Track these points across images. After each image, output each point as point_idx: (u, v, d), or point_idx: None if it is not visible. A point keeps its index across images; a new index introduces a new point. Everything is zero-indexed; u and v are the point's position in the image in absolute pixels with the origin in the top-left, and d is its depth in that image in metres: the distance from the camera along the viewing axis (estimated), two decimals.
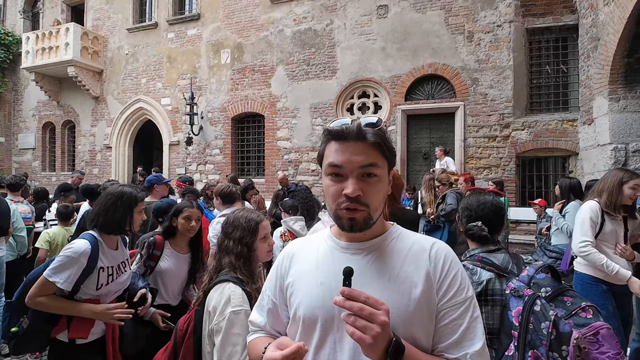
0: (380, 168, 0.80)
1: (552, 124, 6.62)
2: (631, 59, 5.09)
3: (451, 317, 0.78)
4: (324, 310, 0.79)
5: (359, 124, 0.79)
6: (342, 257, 0.83)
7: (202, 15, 9.37)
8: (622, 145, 5.27)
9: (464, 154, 7.06)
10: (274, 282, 0.95)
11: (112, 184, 4.33)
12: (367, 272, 0.80)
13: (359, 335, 0.63)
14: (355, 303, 0.64)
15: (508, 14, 6.82)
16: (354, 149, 0.78)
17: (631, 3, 4.66)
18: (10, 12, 12.41)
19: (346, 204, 0.77)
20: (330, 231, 0.91)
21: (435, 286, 0.80)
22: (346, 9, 7.96)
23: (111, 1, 10.59)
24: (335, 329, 0.79)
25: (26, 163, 11.95)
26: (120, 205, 1.80)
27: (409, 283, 0.79)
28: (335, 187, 0.79)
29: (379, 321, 0.63)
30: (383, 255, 0.82)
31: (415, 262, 0.81)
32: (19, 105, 12.15)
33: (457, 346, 0.77)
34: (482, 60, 6.97)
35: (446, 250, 0.84)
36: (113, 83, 10.56)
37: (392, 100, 7.58)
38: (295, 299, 0.85)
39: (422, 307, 0.77)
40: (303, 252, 0.92)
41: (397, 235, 0.87)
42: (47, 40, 10.27)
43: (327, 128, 0.82)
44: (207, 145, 9.32)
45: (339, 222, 0.81)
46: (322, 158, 0.83)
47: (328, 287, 0.80)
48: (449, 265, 0.82)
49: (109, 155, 10.59)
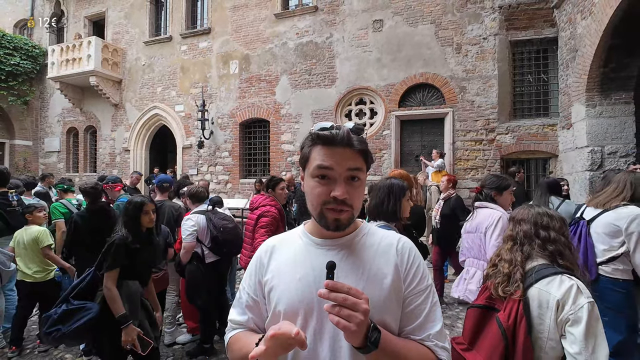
0: (363, 173, 0.81)
1: (533, 128, 6.61)
2: (606, 68, 5.08)
3: (416, 303, 0.80)
4: (303, 303, 0.78)
5: (347, 131, 0.78)
6: (318, 253, 0.82)
7: (213, 29, 9.38)
8: (599, 148, 5.27)
9: (453, 156, 7.04)
10: (253, 278, 0.90)
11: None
12: (342, 266, 0.79)
13: (344, 324, 0.62)
14: (339, 294, 0.63)
15: (493, 28, 6.81)
16: (343, 154, 0.77)
17: (606, 17, 4.66)
18: (37, 27, 12.44)
19: (333, 205, 0.76)
20: (304, 228, 0.89)
21: (402, 276, 0.81)
22: (344, 23, 7.95)
23: (129, 16, 10.60)
24: (315, 320, 0.78)
25: (52, 165, 11.96)
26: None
27: (381, 275, 0.80)
28: (321, 188, 0.77)
29: (361, 309, 0.63)
30: (356, 250, 0.83)
31: (385, 255, 0.83)
32: (45, 111, 12.17)
33: (421, 328, 0.79)
34: (469, 70, 6.95)
35: (410, 245, 0.87)
36: (131, 91, 10.56)
37: (387, 107, 7.57)
38: (275, 294, 0.82)
39: (392, 296, 0.79)
40: (281, 248, 0.89)
41: (367, 232, 0.87)
42: (71, 53, 10.28)
43: (316, 133, 0.79)
44: (217, 148, 9.31)
45: (323, 221, 0.79)
46: (307, 160, 0.81)
47: (306, 282, 0.80)
48: (412, 257, 0.84)
49: (127, 158, 10.60)
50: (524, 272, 1.35)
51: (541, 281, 1.29)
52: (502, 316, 1.31)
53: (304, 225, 0.91)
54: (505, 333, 1.27)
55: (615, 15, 4.53)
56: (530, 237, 1.41)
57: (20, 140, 11.83)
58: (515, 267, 1.37)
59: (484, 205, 2.36)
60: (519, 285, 1.31)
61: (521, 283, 1.31)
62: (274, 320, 0.82)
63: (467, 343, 1.42)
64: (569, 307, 1.20)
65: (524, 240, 1.42)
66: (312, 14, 8.25)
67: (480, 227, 2.30)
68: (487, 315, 1.40)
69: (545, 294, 1.26)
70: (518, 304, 1.28)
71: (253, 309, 0.89)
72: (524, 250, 1.40)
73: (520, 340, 1.24)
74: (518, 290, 1.30)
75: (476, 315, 1.43)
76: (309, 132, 0.82)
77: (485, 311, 1.41)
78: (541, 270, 1.32)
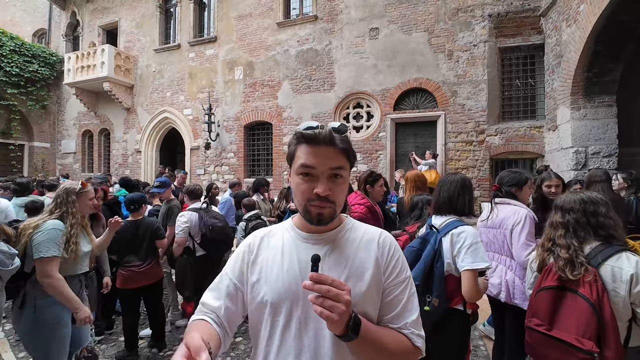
0: (346, 170, 0.80)
1: (521, 130, 6.57)
2: (590, 73, 5.05)
3: (395, 294, 0.80)
4: (290, 294, 0.78)
5: (329, 130, 0.78)
6: (304, 247, 0.82)
7: (219, 37, 9.36)
8: (583, 149, 5.23)
9: (445, 157, 7.01)
10: (239, 264, 0.86)
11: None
12: (327, 259, 0.79)
13: (327, 314, 0.62)
14: (323, 286, 0.63)
15: (483, 35, 6.77)
16: (325, 152, 0.77)
17: (590, 25, 4.63)
18: (55, 36, 12.44)
19: (316, 201, 0.76)
20: (292, 222, 0.88)
21: (382, 269, 0.81)
22: (343, 32, 7.92)
23: (141, 26, 10.59)
24: (300, 310, 0.77)
25: (68, 165, 11.98)
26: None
27: (362, 267, 0.80)
28: (305, 185, 0.77)
29: (344, 300, 0.63)
30: (339, 244, 0.82)
31: (366, 249, 0.82)
32: (62, 115, 12.18)
33: (399, 317, 0.80)
34: (460, 75, 6.91)
35: (390, 239, 0.86)
36: (142, 96, 10.55)
37: (383, 110, 7.54)
38: (262, 284, 0.81)
39: (372, 287, 0.79)
40: (269, 240, 0.87)
41: (350, 227, 0.87)
42: (86, 60, 10.28)
43: (300, 132, 0.79)
44: (223, 149, 9.30)
45: (307, 216, 0.79)
46: (293, 158, 0.81)
47: (292, 274, 0.79)
48: (392, 251, 0.84)
49: (139, 158, 10.59)
50: (585, 255, 1.42)
51: (610, 259, 1.37)
52: (585, 293, 1.35)
53: (292, 219, 0.89)
54: (595, 307, 1.31)
55: (599, 23, 4.50)
56: (583, 224, 1.48)
57: (39, 142, 11.84)
58: (574, 251, 1.43)
59: (506, 201, 2.22)
60: (586, 267, 1.37)
61: (587, 265, 1.38)
62: (259, 310, 0.80)
63: (546, 323, 1.44)
64: None
65: (577, 227, 1.48)
66: (312, 22, 8.21)
67: (504, 223, 2.15)
68: (561, 295, 1.44)
69: (618, 269, 1.34)
70: (595, 281, 1.35)
71: (233, 297, 0.83)
72: (578, 236, 1.47)
73: (607, 311, 1.31)
74: (588, 271, 1.36)
75: (551, 296, 1.46)
76: (295, 131, 0.81)
77: (559, 292, 1.44)
78: (604, 250, 1.40)
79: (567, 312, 1.40)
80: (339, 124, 0.80)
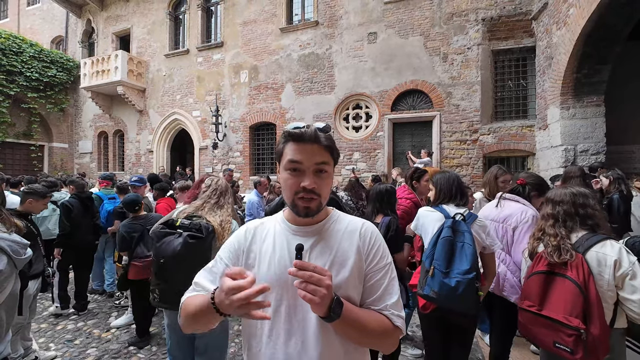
0: (330, 166, 0.81)
1: (513, 129, 6.51)
2: (579, 74, 4.99)
3: (376, 279, 0.82)
4: (280, 282, 0.79)
5: (315, 129, 0.79)
6: (294, 238, 0.83)
7: (225, 42, 9.35)
8: (572, 147, 5.18)
9: (440, 155, 6.97)
10: (235, 248, 0.86)
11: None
12: (314, 250, 0.82)
13: (309, 297, 0.64)
14: (305, 272, 0.65)
15: (477, 38, 6.70)
16: (311, 149, 0.78)
17: (579, 28, 4.58)
18: (71, 43, 12.50)
19: (303, 194, 0.77)
20: (282, 215, 0.89)
21: (363, 256, 0.83)
22: (342, 36, 7.88)
23: (152, 32, 10.61)
24: (289, 296, 0.79)
25: (85, 164, 12.08)
26: None
27: (345, 256, 0.82)
28: (293, 180, 0.79)
29: (324, 284, 0.65)
30: (325, 236, 0.84)
31: (349, 239, 0.84)
32: (79, 117, 12.26)
33: (380, 300, 0.81)
34: (454, 77, 6.86)
35: (372, 228, 0.88)
36: (153, 99, 10.59)
37: (381, 111, 7.50)
38: (256, 272, 0.81)
39: (355, 273, 0.81)
40: (263, 231, 0.88)
41: (336, 219, 0.88)
42: (101, 65, 10.33)
43: (288, 131, 0.80)
44: (230, 149, 9.32)
45: (295, 209, 0.80)
46: (281, 155, 0.82)
47: (283, 263, 0.81)
48: (374, 239, 0.85)
49: (151, 158, 10.65)
50: (572, 242, 1.48)
51: (595, 246, 1.43)
52: (573, 276, 1.41)
53: (283, 212, 0.91)
54: (582, 288, 1.38)
55: (587, 26, 4.44)
56: (571, 215, 1.53)
57: (58, 143, 11.94)
58: (562, 239, 1.50)
59: (515, 199, 2.12)
60: (572, 253, 1.44)
61: (573, 251, 1.45)
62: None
63: (537, 304, 1.50)
64: (627, 265, 1.35)
65: (565, 218, 1.54)
66: (314, 28, 8.18)
67: (509, 219, 2.06)
68: (550, 279, 1.49)
69: (602, 255, 1.40)
70: (582, 265, 1.41)
71: None
72: (567, 226, 1.53)
73: (593, 292, 1.37)
74: (574, 256, 1.43)
75: (541, 280, 1.51)
76: (283, 131, 0.83)
77: (548, 276, 1.50)
78: (590, 238, 1.46)
79: (556, 294, 1.45)
80: (323, 124, 0.82)
